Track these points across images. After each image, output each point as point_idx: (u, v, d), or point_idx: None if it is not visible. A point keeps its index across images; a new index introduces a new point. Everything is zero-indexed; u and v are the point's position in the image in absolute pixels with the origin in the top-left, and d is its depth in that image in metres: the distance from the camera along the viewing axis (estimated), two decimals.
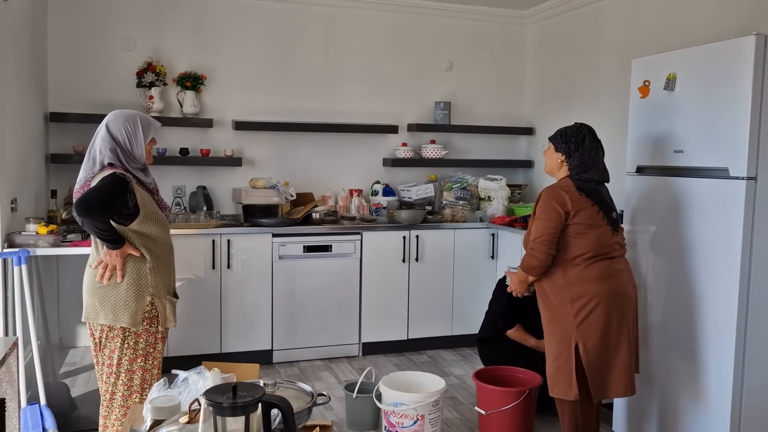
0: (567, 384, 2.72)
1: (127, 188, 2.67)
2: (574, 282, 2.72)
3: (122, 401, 2.78)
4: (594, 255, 2.72)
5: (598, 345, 2.70)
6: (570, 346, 2.72)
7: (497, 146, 5.47)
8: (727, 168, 2.73)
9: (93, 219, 2.62)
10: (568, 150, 2.80)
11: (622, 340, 2.73)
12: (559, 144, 2.83)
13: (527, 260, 2.79)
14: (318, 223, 4.55)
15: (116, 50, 4.49)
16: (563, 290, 2.75)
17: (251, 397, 1.32)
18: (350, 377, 4.16)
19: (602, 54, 4.56)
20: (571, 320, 2.71)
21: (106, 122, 2.78)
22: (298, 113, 4.90)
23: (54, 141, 4.37)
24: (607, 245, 2.74)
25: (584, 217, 2.71)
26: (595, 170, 2.78)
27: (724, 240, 2.74)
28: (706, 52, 2.86)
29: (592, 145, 2.79)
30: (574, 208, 2.70)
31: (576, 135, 2.80)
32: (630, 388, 2.75)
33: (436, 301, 4.75)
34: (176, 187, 4.64)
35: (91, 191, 2.64)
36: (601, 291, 2.70)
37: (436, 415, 3.24)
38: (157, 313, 2.78)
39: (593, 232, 2.71)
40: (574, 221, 2.71)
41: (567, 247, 2.74)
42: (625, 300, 2.75)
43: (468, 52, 5.33)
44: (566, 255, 2.74)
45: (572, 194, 2.72)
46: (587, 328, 2.70)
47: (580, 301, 2.71)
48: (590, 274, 2.71)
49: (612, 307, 2.71)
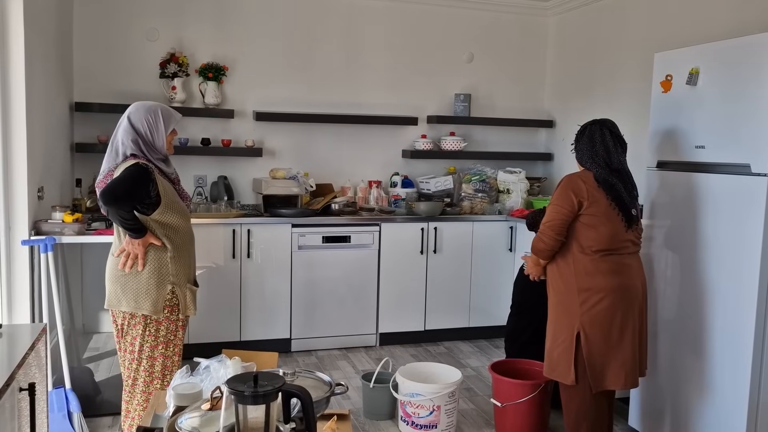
0: (566, 368, 2.78)
1: (150, 178, 2.72)
2: (582, 273, 2.76)
3: (144, 387, 2.85)
4: (604, 249, 2.74)
5: (599, 337, 2.73)
6: (572, 334, 2.76)
7: (517, 139, 5.45)
8: (748, 164, 2.71)
9: (118, 208, 2.68)
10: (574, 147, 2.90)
11: (626, 334, 2.75)
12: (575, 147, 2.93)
13: (536, 242, 2.88)
14: (337, 214, 4.58)
15: (140, 41, 4.55)
16: (572, 278, 2.79)
17: (272, 386, 1.35)
18: (367, 367, 4.21)
19: (624, 47, 4.52)
20: (577, 309, 2.76)
21: (128, 114, 2.83)
22: (318, 104, 4.92)
23: (78, 130, 4.44)
24: (619, 241, 2.75)
25: (598, 209, 2.73)
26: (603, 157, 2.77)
27: (745, 236, 2.72)
28: (730, 47, 2.83)
29: (595, 136, 2.81)
30: (588, 198, 2.73)
31: (581, 132, 2.88)
32: (630, 381, 2.77)
33: (453, 293, 4.77)
34: (197, 177, 4.70)
35: (116, 181, 2.69)
36: (609, 285, 2.72)
37: (452, 406, 3.27)
38: (177, 301, 2.84)
39: (605, 227, 2.73)
40: (588, 212, 2.74)
41: (578, 236, 2.77)
42: (633, 295, 2.77)
43: (489, 43, 5.32)
44: (578, 244, 2.77)
45: (589, 185, 2.75)
46: (591, 319, 2.73)
47: (587, 293, 2.74)
48: (600, 268, 2.73)
49: (618, 302, 2.73)
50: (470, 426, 3.44)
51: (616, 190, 2.76)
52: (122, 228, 2.75)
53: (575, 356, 2.76)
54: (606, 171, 2.76)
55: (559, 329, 2.84)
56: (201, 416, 1.64)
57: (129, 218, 2.70)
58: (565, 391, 2.87)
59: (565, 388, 2.87)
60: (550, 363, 2.90)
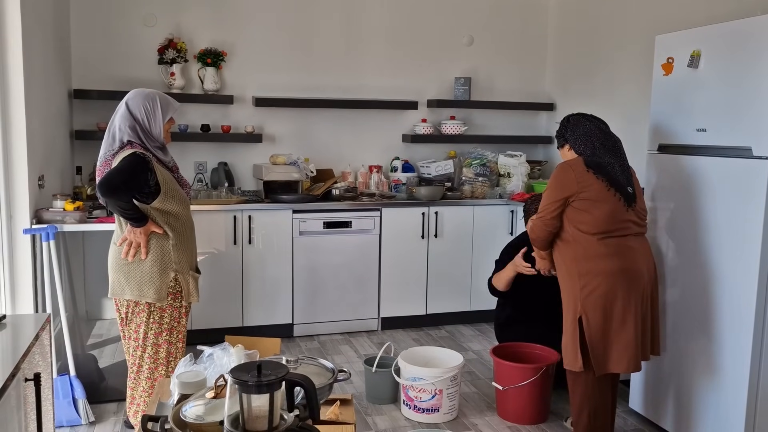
0: (573, 355, 2.79)
1: (148, 167, 2.71)
2: (581, 257, 2.77)
3: (149, 374, 2.87)
4: (603, 231, 2.74)
5: (600, 320, 2.73)
6: (575, 319, 2.77)
7: (517, 122, 5.43)
8: (750, 147, 2.70)
9: (116, 199, 2.68)
10: (565, 138, 2.93)
11: (628, 317, 2.74)
12: (559, 140, 2.98)
13: (530, 234, 2.96)
14: (338, 199, 4.59)
15: (138, 27, 4.52)
16: (572, 264, 2.80)
17: (275, 375, 1.36)
18: (369, 351, 4.23)
19: (625, 29, 4.49)
20: (578, 293, 2.77)
21: (126, 100, 2.82)
22: (318, 89, 4.90)
23: (78, 118, 4.43)
24: (618, 221, 2.75)
25: (589, 194, 2.74)
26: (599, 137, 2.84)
27: (746, 219, 2.72)
28: (732, 30, 2.81)
29: (582, 120, 2.90)
30: (579, 183, 2.74)
31: (565, 121, 2.95)
32: (633, 364, 2.77)
33: (454, 277, 4.78)
34: (198, 164, 4.69)
35: (113, 172, 2.69)
36: (608, 268, 2.72)
37: (454, 390, 3.30)
38: (180, 288, 2.85)
39: (599, 209, 2.73)
40: (581, 197, 2.75)
41: (575, 221, 2.78)
42: (636, 278, 2.76)
43: (489, 26, 5.28)
44: (575, 229, 2.78)
45: (578, 171, 2.77)
46: (590, 302, 2.74)
47: (585, 277, 2.75)
48: (599, 251, 2.74)
49: (618, 285, 2.72)
50: (472, 409, 3.47)
51: (608, 171, 2.77)
52: (122, 218, 2.75)
53: (580, 341, 2.76)
54: (602, 150, 2.80)
55: (566, 316, 2.84)
56: (205, 404, 1.65)
57: (128, 208, 2.70)
58: (571, 373, 2.88)
59: (570, 371, 2.89)
60: (563, 351, 2.88)
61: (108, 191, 2.66)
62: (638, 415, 3.35)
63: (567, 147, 2.92)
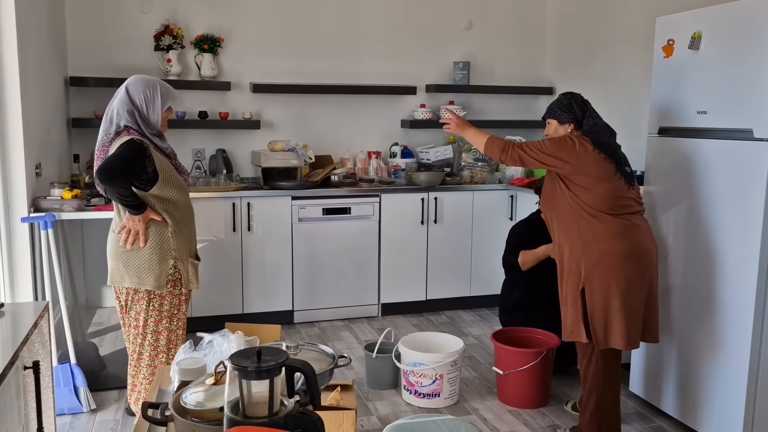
0: (577, 327, 2.77)
1: (146, 154, 2.70)
2: (589, 237, 2.73)
3: (149, 361, 2.87)
4: (608, 209, 2.72)
5: (603, 296, 2.71)
6: (577, 291, 2.75)
7: (517, 106, 5.41)
8: (751, 129, 2.68)
9: (115, 186, 2.67)
10: (576, 117, 2.84)
11: (633, 294, 2.72)
12: (564, 115, 2.86)
13: (494, 145, 2.99)
14: (337, 185, 4.57)
15: (134, 13, 4.48)
16: (577, 239, 2.76)
17: (275, 361, 1.35)
18: (370, 337, 4.24)
19: (625, 11, 4.45)
20: (582, 266, 2.74)
21: (126, 84, 2.80)
22: (316, 75, 4.87)
23: (74, 105, 4.40)
24: (622, 198, 2.74)
25: (590, 171, 2.71)
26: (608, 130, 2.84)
27: (746, 202, 2.71)
28: (733, 10, 2.78)
29: (578, 98, 2.87)
30: (579, 157, 2.72)
31: (576, 100, 2.86)
32: (634, 341, 2.75)
33: (454, 263, 4.78)
34: (196, 151, 4.67)
35: (111, 158, 2.67)
36: (616, 248, 2.69)
37: (454, 375, 3.30)
38: (180, 275, 2.85)
39: (602, 186, 2.71)
40: (581, 172, 2.72)
41: (578, 199, 2.75)
42: (644, 257, 2.74)
43: (487, 10, 5.23)
44: (579, 207, 2.75)
45: (585, 143, 2.74)
46: (594, 278, 2.71)
47: (590, 251, 2.72)
48: (607, 231, 2.71)
49: (625, 264, 2.69)
50: (473, 394, 3.48)
51: (612, 148, 2.76)
52: (121, 205, 2.74)
53: (583, 314, 2.75)
54: (602, 125, 2.80)
55: (566, 289, 2.82)
56: (205, 391, 1.65)
57: (127, 195, 2.69)
58: (582, 351, 2.86)
59: (580, 348, 2.87)
60: (563, 326, 2.87)
61: (106, 178, 2.65)
62: (638, 399, 3.36)
63: (570, 127, 2.85)
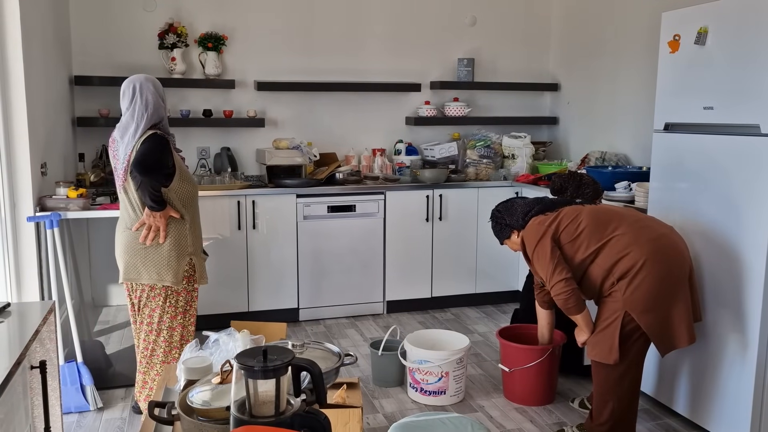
0: (608, 348, 2.70)
1: (169, 148, 2.77)
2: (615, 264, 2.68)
3: (163, 357, 2.90)
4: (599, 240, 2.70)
5: (650, 305, 2.64)
6: (615, 314, 2.69)
7: (521, 103, 5.39)
8: (758, 125, 2.66)
9: (153, 177, 2.71)
10: (512, 226, 2.94)
11: (678, 292, 2.67)
12: (504, 231, 2.99)
13: (561, 304, 2.76)
14: (341, 183, 4.57)
15: (138, 11, 4.48)
16: (598, 281, 2.73)
17: (281, 361, 1.35)
18: (375, 335, 4.23)
19: (631, 6, 4.43)
20: (618, 297, 2.68)
21: (140, 84, 2.78)
22: (320, 73, 4.87)
23: (79, 104, 4.41)
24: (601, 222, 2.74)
25: (565, 222, 2.77)
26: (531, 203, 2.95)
27: (754, 198, 2.69)
28: (739, 5, 2.76)
29: (517, 201, 3.00)
30: (553, 226, 2.77)
31: (499, 216, 3.00)
32: (692, 337, 2.71)
33: (459, 260, 4.77)
34: (200, 149, 4.67)
35: (143, 152, 2.71)
36: (645, 252, 2.64)
37: (460, 372, 3.30)
38: (193, 271, 2.89)
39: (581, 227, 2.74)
40: (561, 233, 2.76)
41: (577, 249, 2.74)
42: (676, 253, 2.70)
43: (491, 6, 5.22)
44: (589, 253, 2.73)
45: (540, 220, 2.81)
46: (636, 299, 2.64)
47: (618, 282, 2.67)
48: (619, 251, 2.67)
49: (659, 265, 2.64)
50: (479, 391, 3.47)
51: (545, 205, 2.88)
52: (149, 201, 2.74)
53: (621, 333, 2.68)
54: (523, 211, 2.91)
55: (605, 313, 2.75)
56: (212, 390, 1.65)
57: (158, 189, 2.74)
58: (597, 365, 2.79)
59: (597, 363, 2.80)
60: (589, 346, 2.80)
61: (145, 170, 2.69)
62: (647, 396, 3.34)
63: (515, 232, 2.94)
